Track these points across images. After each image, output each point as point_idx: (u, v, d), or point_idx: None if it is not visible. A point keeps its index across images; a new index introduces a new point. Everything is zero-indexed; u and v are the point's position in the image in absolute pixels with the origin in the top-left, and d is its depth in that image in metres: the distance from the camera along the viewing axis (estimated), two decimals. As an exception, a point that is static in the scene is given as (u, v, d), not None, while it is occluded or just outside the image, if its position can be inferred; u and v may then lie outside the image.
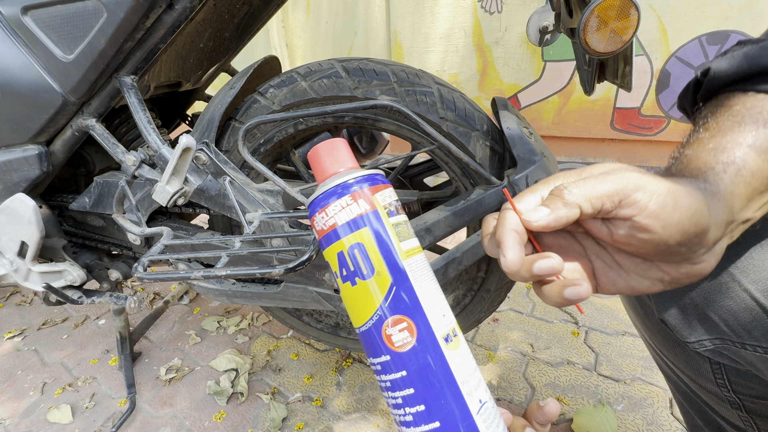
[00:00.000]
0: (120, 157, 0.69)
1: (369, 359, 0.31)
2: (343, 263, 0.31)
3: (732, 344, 0.39)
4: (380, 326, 0.30)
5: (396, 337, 0.29)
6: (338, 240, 0.31)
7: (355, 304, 0.31)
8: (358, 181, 0.31)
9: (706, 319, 0.40)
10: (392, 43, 2.34)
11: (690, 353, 0.44)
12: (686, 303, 0.41)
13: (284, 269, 0.53)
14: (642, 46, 1.83)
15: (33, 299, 1.49)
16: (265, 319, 1.29)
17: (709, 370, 0.43)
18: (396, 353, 0.29)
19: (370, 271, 0.30)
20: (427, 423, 0.28)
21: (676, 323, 0.42)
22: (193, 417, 0.97)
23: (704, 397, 0.48)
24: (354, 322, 0.32)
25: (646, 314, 0.48)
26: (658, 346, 0.50)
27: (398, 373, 0.29)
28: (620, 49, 0.54)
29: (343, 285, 0.31)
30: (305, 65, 0.74)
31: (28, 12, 0.63)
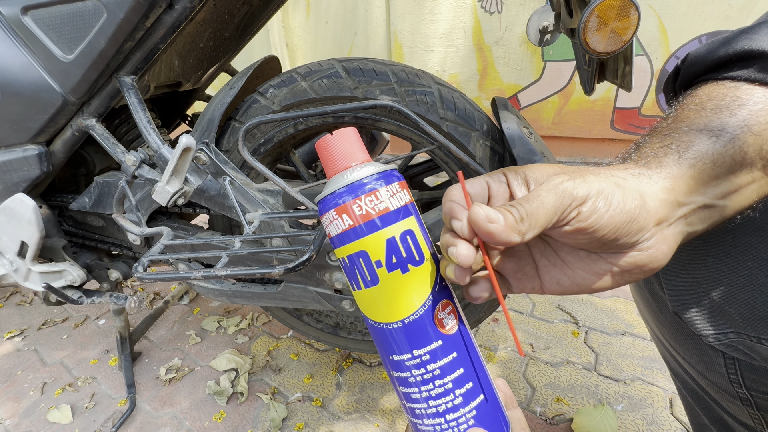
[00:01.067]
0: (120, 157, 0.69)
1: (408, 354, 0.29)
2: (393, 250, 0.29)
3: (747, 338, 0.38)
4: (432, 312, 0.30)
5: (446, 321, 0.30)
6: (390, 225, 0.29)
7: (402, 293, 0.29)
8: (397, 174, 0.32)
9: (722, 313, 0.40)
10: (392, 43, 2.34)
11: (703, 347, 0.43)
12: (701, 295, 0.41)
13: (284, 269, 0.53)
14: (642, 46, 1.83)
15: (33, 299, 1.49)
16: (265, 319, 1.29)
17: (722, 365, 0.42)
18: (447, 336, 0.30)
19: (421, 257, 0.30)
20: (474, 399, 0.30)
21: (691, 316, 0.42)
22: (193, 417, 0.97)
23: (713, 394, 0.47)
24: (391, 315, 0.30)
25: (659, 307, 0.47)
26: (670, 341, 0.49)
27: (449, 356, 0.30)
28: (620, 49, 0.54)
29: (389, 274, 0.29)
30: (305, 65, 0.74)
31: (28, 12, 0.63)
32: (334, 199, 0.30)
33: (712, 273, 0.40)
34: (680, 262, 0.43)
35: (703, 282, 0.41)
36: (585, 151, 2.18)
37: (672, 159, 0.28)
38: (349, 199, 0.29)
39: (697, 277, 0.41)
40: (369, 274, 0.30)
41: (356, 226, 0.29)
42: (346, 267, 0.31)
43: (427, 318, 0.30)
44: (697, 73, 0.33)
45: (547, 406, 0.93)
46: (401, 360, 0.30)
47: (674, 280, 0.43)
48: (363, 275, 0.30)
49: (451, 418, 0.29)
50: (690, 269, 0.42)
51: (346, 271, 0.32)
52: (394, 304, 0.30)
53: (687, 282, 0.42)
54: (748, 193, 0.31)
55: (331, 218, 0.30)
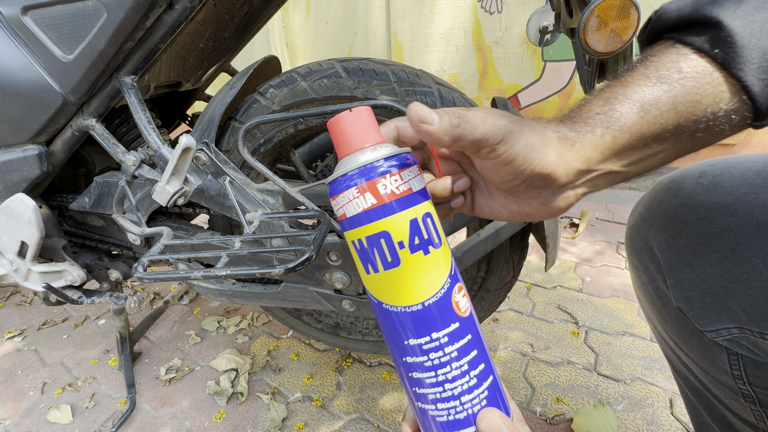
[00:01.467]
0: (120, 157, 0.69)
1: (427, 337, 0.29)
2: (416, 231, 0.29)
3: (751, 334, 0.39)
4: (450, 295, 0.30)
5: (462, 303, 0.31)
6: (414, 206, 0.29)
7: (423, 275, 0.29)
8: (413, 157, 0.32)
9: (726, 308, 0.40)
10: (392, 43, 2.34)
11: (706, 343, 0.43)
12: (705, 291, 0.41)
13: (284, 269, 0.53)
14: (642, 46, 1.83)
15: (33, 299, 1.49)
16: (265, 319, 1.29)
17: (726, 361, 0.42)
18: (463, 318, 0.30)
19: (439, 240, 0.30)
20: (486, 379, 0.30)
21: (695, 312, 0.42)
22: (193, 417, 0.97)
23: (716, 391, 0.47)
24: (411, 298, 0.29)
25: (663, 303, 0.48)
26: (673, 337, 0.49)
27: (465, 338, 0.30)
28: (620, 49, 0.54)
29: (411, 256, 0.29)
30: (305, 65, 0.74)
31: (28, 12, 0.63)
32: (356, 177, 0.29)
33: (716, 269, 0.40)
34: (685, 258, 0.43)
35: (707, 278, 0.41)
36: (585, 151, 2.18)
37: (600, 130, 0.31)
38: (374, 176, 0.29)
39: (701, 274, 0.42)
40: (390, 255, 0.29)
41: (380, 205, 0.29)
42: (361, 249, 0.30)
43: (446, 300, 0.30)
44: (662, 29, 0.34)
45: (547, 406, 0.93)
46: (418, 344, 0.30)
47: (678, 276, 0.44)
48: (383, 257, 0.29)
49: (466, 400, 0.29)
50: (694, 265, 0.42)
51: (360, 253, 0.31)
52: (415, 287, 0.29)
53: (691, 278, 0.42)
54: (654, 161, 0.33)
55: (351, 197, 0.29)
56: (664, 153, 0.33)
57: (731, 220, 0.40)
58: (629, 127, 0.31)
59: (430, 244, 0.30)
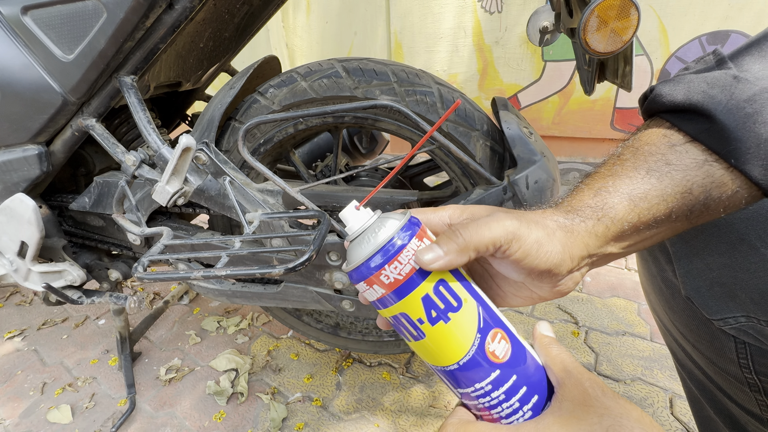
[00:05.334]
0: (120, 157, 0.69)
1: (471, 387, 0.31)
2: (430, 305, 0.30)
3: (758, 322, 0.40)
4: (483, 348, 0.30)
5: (498, 350, 0.31)
6: (422, 282, 0.30)
7: (450, 340, 0.30)
8: (415, 220, 0.32)
9: (734, 297, 0.41)
10: (392, 43, 2.34)
11: (714, 332, 0.44)
12: (713, 281, 0.42)
13: (284, 269, 0.53)
14: (642, 46, 1.83)
15: (33, 299, 1.49)
16: (265, 319, 1.29)
17: (733, 349, 0.43)
18: (503, 364, 0.30)
19: (459, 302, 0.30)
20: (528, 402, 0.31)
21: (703, 301, 0.43)
22: (193, 417, 0.97)
23: (721, 382, 0.48)
24: (446, 360, 0.31)
25: (672, 294, 0.48)
26: (680, 328, 0.50)
27: (510, 380, 0.30)
28: (620, 49, 0.54)
29: (433, 327, 0.30)
30: (305, 65, 0.74)
31: (28, 12, 0.63)
32: (362, 272, 0.31)
33: (725, 259, 0.41)
34: (694, 249, 0.44)
35: (716, 268, 0.42)
36: (585, 151, 2.18)
37: (592, 222, 0.33)
38: (374, 271, 0.30)
39: (710, 263, 0.43)
40: (414, 330, 0.31)
41: (389, 293, 0.30)
42: (394, 324, 0.33)
43: (479, 355, 0.30)
44: (657, 109, 0.36)
45: (547, 406, 0.93)
46: (466, 392, 0.31)
47: (687, 266, 0.45)
48: (409, 331, 0.31)
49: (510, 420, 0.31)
50: (703, 255, 0.43)
51: (395, 326, 0.33)
52: (446, 351, 0.31)
53: (700, 268, 0.43)
54: (652, 241, 0.35)
55: (364, 288, 0.31)
56: (662, 234, 0.34)
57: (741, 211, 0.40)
58: (620, 219, 0.32)
59: (448, 311, 0.30)
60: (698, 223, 0.34)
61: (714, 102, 0.32)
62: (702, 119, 0.32)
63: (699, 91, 0.33)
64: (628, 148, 0.36)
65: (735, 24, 1.64)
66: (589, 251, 0.33)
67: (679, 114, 0.34)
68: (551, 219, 0.33)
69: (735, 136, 0.31)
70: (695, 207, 0.32)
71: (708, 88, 0.33)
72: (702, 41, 1.72)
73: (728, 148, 0.31)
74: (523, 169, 0.64)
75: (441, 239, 0.31)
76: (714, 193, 0.32)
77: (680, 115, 0.34)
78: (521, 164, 0.64)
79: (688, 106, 0.33)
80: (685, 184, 0.32)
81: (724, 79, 0.33)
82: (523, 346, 0.32)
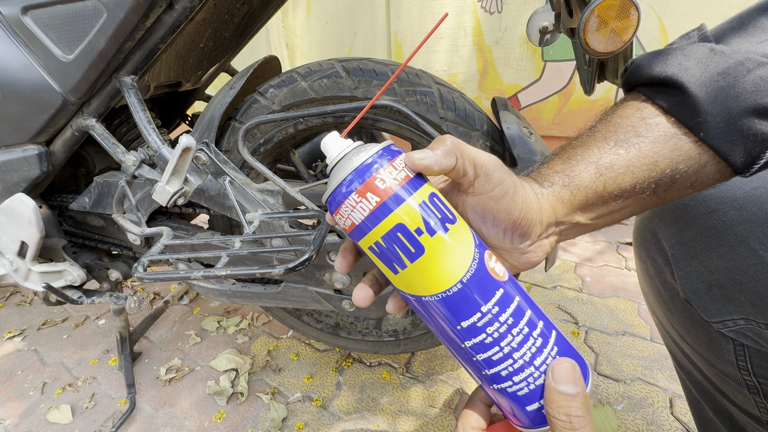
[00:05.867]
0: (120, 157, 0.69)
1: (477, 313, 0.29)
2: (429, 212, 0.29)
3: (756, 325, 0.40)
4: (483, 263, 0.29)
5: (498, 268, 0.30)
6: (418, 189, 0.29)
7: (452, 253, 0.29)
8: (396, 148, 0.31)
9: (733, 300, 0.41)
10: (392, 43, 2.34)
11: (713, 335, 0.44)
12: (712, 283, 0.42)
13: (284, 269, 0.53)
14: (642, 46, 1.83)
15: (33, 299, 1.49)
16: (265, 319, 1.29)
17: (732, 352, 0.43)
18: (505, 282, 0.30)
19: (452, 216, 0.30)
20: (550, 334, 0.30)
21: (701, 303, 0.43)
22: (193, 417, 0.97)
23: (720, 384, 0.48)
24: (451, 277, 0.29)
25: (670, 296, 0.48)
26: (679, 330, 0.50)
27: (514, 301, 0.29)
28: (620, 49, 0.54)
29: (432, 238, 0.28)
30: (305, 65, 0.74)
31: (28, 12, 0.63)
32: (351, 184, 0.29)
33: (724, 261, 0.41)
34: (693, 251, 0.44)
35: (715, 270, 0.42)
36: (585, 151, 2.18)
37: (558, 187, 0.34)
38: (369, 175, 0.28)
39: (709, 266, 0.42)
40: (412, 245, 0.28)
41: (385, 200, 0.28)
42: (381, 251, 0.30)
43: (482, 270, 0.29)
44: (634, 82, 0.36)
45: (547, 406, 0.93)
46: (471, 324, 0.29)
47: (686, 268, 0.45)
48: (406, 250, 0.29)
49: (539, 362, 0.29)
50: (702, 258, 0.43)
51: (381, 256, 0.30)
52: (448, 268, 0.29)
53: (699, 270, 0.43)
54: (621, 215, 0.35)
55: (353, 204, 0.29)
56: (630, 208, 0.35)
57: (740, 213, 0.41)
58: (585, 186, 0.33)
59: (446, 221, 0.29)
60: (667, 199, 0.34)
61: (687, 74, 0.32)
62: (675, 92, 0.32)
63: (675, 64, 0.33)
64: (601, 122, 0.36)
65: (735, 24, 1.64)
66: (557, 217, 0.34)
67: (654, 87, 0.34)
68: (525, 180, 0.34)
69: (705, 109, 0.31)
70: (661, 180, 0.32)
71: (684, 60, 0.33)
72: (702, 41, 1.72)
73: (697, 120, 0.31)
74: (523, 169, 0.64)
75: (431, 144, 0.31)
76: (681, 167, 0.32)
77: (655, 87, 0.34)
78: (521, 164, 0.64)
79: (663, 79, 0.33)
80: (651, 156, 0.32)
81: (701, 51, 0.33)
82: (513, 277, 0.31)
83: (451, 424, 0.90)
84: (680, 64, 0.33)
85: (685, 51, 0.33)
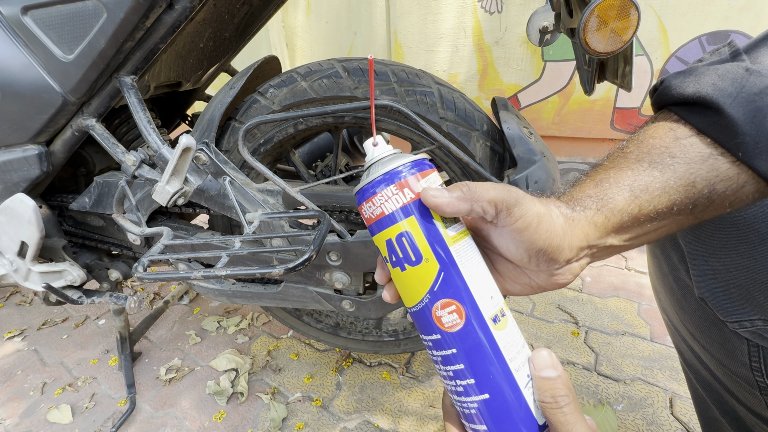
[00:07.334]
0: (120, 157, 0.69)
1: (421, 335, 0.33)
2: (392, 250, 0.32)
3: None
4: (430, 309, 0.31)
5: (445, 319, 0.31)
6: (386, 228, 0.32)
7: (405, 287, 0.32)
8: (406, 167, 0.32)
9: (751, 300, 0.40)
10: (392, 43, 2.34)
11: (726, 334, 0.43)
12: (730, 282, 0.41)
13: (284, 269, 0.53)
14: (642, 46, 1.83)
15: (33, 299, 1.49)
16: (265, 319, 1.29)
17: (746, 352, 0.42)
18: (446, 333, 0.31)
19: (418, 258, 0.31)
20: (477, 395, 0.30)
21: (718, 302, 0.42)
22: (193, 417, 0.97)
23: (729, 384, 0.47)
24: (405, 303, 0.33)
25: (683, 294, 0.47)
26: (690, 329, 0.49)
27: (449, 350, 0.31)
28: (620, 49, 0.54)
29: (393, 269, 0.32)
30: (305, 65, 0.74)
31: (28, 12, 0.63)
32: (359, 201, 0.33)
33: (744, 260, 0.40)
34: (711, 248, 0.43)
35: (734, 269, 0.41)
36: (585, 151, 2.18)
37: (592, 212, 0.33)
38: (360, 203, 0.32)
39: (727, 264, 0.41)
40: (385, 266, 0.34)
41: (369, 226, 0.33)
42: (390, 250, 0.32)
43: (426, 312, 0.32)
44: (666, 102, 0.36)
45: (547, 406, 0.93)
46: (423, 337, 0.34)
47: (703, 266, 0.43)
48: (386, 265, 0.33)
49: (461, 401, 0.31)
50: (720, 256, 0.42)
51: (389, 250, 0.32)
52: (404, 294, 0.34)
53: (716, 268, 0.42)
54: (656, 235, 0.35)
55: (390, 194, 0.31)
56: (665, 228, 0.34)
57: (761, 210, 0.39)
58: (620, 210, 0.32)
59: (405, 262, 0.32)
60: (703, 218, 0.34)
61: (723, 94, 0.31)
62: (710, 112, 0.32)
63: (709, 84, 0.32)
64: (632, 141, 0.35)
65: (735, 24, 1.64)
66: (589, 241, 0.33)
67: (687, 106, 0.34)
68: (554, 205, 0.33)
69: (743, 129, 0.30)
70: (699, 201, 0.32)
71: (718, 80, 0.32)
72: (702, 41, 1.72)
73: (735, 141, 0.30)
74: (523, 169, 0.64)
75: (450, 186, 0.31)
76: (719, 187, 0.31)
77: (688, 107, 0.34)
78: (521, 164, 0.64)
79: (697, 99, 0.33)
80: (688, 177, 0.32)
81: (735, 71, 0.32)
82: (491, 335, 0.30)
83: (451, 424, 0.90)
84: (714, 84, 0.32)
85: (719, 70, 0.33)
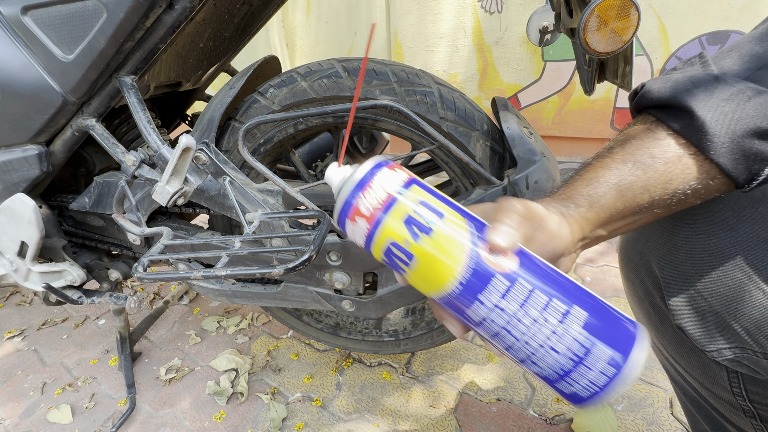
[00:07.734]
0: (120, 157, 0.69)
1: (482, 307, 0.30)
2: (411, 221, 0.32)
3: (753, 354, 0.38)
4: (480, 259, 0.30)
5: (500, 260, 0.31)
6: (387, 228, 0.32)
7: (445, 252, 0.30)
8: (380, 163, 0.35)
9: (727, 328, 0.39)
10: (392, 43, 2.34)
11: (706, 361, 0.43)
12: (705, 310, 0.41)
13: (284, 269, 0.53)
14: (642, 46, 1.83)
15: (33, 299, 1.49)
16: (265, 319, 1.29)
17: (725, 379, 0.42)
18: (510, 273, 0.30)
19: (439, 215, 0.32)
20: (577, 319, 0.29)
21: (695, 331, 0.42)
22: (193, 417, 0.97)
23: (715, 404, 0.47)
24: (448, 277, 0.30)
25: (660, 319, 0.47)
26: (671, 353, 0.49)
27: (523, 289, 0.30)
28: (620, 49, 0.55)
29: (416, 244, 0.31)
30: (305, 65, 0.74)
31: (28, 12, 0.63)
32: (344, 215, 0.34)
33: (717, 287, 0.40)
34: (684, 275, 0.42)
35: (708, 296, 0.40)
36: (585, 151, 2.18)
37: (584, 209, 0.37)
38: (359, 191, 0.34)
39: (701, 291, 0.41)
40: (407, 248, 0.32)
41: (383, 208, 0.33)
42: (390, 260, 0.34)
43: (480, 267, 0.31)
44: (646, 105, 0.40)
45: (547, 406, 0.93)
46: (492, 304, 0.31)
47: (677, 293, 0.43)
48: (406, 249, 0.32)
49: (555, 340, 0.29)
50: (694, 282, 0.42)
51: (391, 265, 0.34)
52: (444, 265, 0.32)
53: (691, 295, 0.42)
54: (636, 225, 0.39)
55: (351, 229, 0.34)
56: (644, 219, 0.39)
57: (731, 235, 0.40)
58: (608, 206, 0.37)
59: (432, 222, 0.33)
60: (677, 210, 0.38)
61: (696, 100, 0.35)
62: (684, 114, 0.36)
63: (684, 90, 0.36)
64: (618, 142, 0.39)
65: (735, 24, 1.64)
66: (583, 234, 0.38)
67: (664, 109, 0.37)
68: (553, 207, 0.37)
69: (713, 131, 0.34)
70: (675, 195, 0.36)
71: (692, 87, 0.36)
72: (702, 41, 1.72)
73: (706, 143, 0.34)
74: (523, 169, 0.64)
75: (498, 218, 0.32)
76: (692, 183, 0.36)
77: (666, 110, 0.37)
78: (521, 164, 0.64)
79: (674, 103, 0.36)
80: (666, 175, 0.36)
81: (706, 79, 0.37)
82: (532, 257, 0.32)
83: (452, 424, 0.90)
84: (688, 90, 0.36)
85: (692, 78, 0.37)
